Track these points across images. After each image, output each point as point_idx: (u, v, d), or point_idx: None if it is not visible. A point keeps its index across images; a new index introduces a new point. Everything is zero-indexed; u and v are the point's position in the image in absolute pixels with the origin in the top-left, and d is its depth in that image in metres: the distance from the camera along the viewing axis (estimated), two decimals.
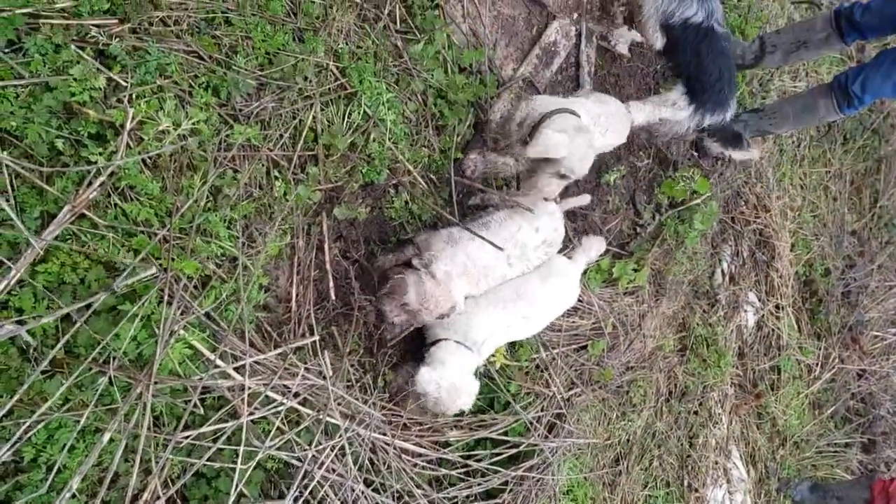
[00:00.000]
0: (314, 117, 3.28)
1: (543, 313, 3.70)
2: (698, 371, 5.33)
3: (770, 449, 6.06)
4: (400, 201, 3.66)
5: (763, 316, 6.02)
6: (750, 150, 4.43)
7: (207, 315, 2.82)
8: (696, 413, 5.36)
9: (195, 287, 2.84)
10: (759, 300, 5.99)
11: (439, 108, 3.74)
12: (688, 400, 5.29)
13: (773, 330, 6.09)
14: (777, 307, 6.11)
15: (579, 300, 4.35)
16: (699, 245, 5.30)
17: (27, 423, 2.33)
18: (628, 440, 4.80)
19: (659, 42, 4.13)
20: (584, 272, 4.28)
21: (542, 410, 4.08)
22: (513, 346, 4.08)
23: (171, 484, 2.68)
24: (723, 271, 5.68)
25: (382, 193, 3.66)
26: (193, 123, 2.81)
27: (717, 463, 5.49)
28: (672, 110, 4.10)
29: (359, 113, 3.41)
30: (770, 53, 5.06)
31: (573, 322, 4.42)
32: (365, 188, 3.58)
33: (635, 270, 4.74)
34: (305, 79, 3.23)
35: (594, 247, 4.13)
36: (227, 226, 2.95)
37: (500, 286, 3.54)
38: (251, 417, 2.73)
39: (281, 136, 3.21)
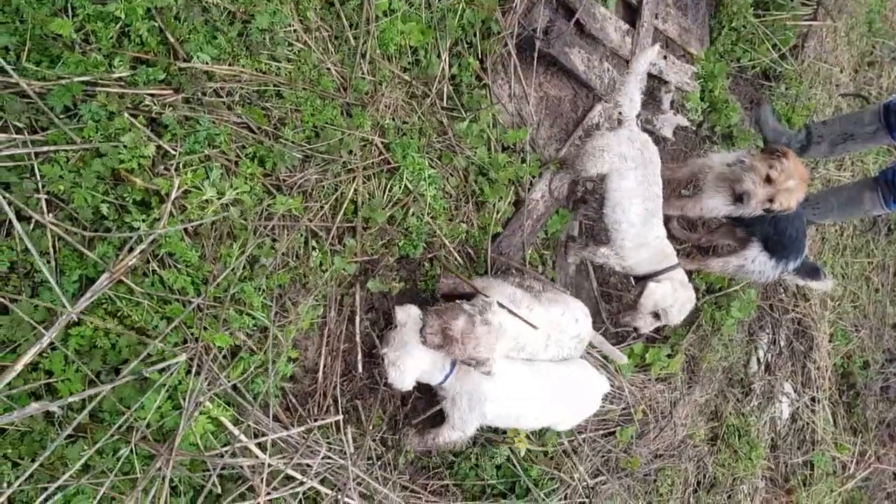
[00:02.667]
0: (356, 190, 3.30)
1: (558, 403, 3.58)
2: (729, 462, 5.16)
3: None
4: (434, 274, 3.64)
5: (798, 408, 5.83)
6: (826, 281, 4.58)
7: (234, 387, 2.79)
8: None
9: (224, 357, 2.82)
10: (795, 391, 5.82)
11: (480, 185, 3.74)
12: (716, 492, 5.11)
13: (807, 423, 5.89)
14: (813, 399, 5.93)
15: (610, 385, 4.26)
16: (735, 332, 5.18)
17: (48, 491, 2.30)
18: None
19: None
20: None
21: (565, 499, 3.95)
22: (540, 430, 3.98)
23: None
24: (758, 360, 5.54)
25: (417, 266, 3.64)
26: (237, 193, 2.83)
27: None
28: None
29: (399, 187, 3.43)
30: (816, 144, 5.02)
31: (602, 407, 4.30)
32: (400, 261, 3.57)
33: (669, 356, 4.63)
34: (350, 152, 3.26)
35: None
36: (261, 295, 2.94)
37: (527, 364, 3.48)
38: (269, 497, 2.67)
39: (321, 207, 3.22)
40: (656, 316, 3.95)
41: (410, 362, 3.09)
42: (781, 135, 5.14)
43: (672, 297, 3.83)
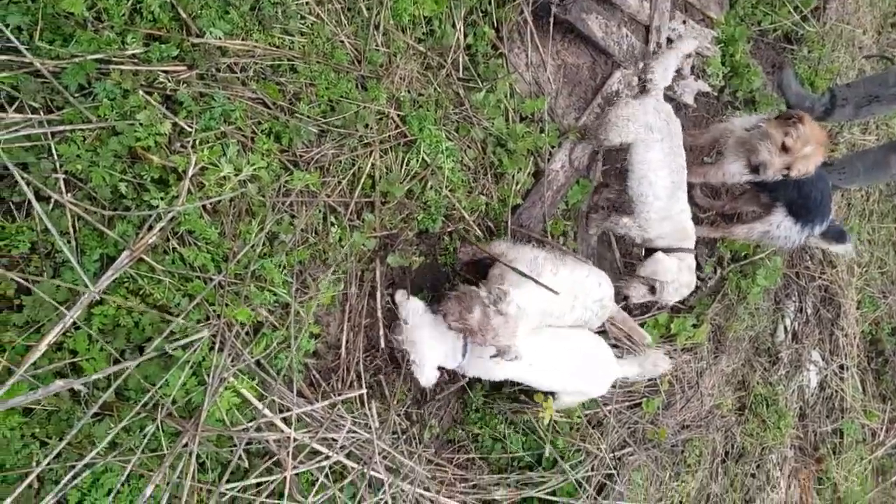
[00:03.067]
0: (373, 164, 3.27)
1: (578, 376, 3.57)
2: (757, 432, 5.11)
3: None
4: (454, 248, 3.61)
5: (826, 376, 5.75)
6: (847, 244, 4.49)
7: (258, 363, 2.79)
8: (753, 476, 5.13)
9: (247, 334, 2.82)
10: (823, 359, 5.74)
11: (498, 156, 3.69)
12: (745, 462, 5.06)
13: (836, 391, 5.81)
14: (841, 367, 5.84)
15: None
16: (761, 300, 5.11)
17: (76, 469, 2.32)
18: (681, 502, 4.59)
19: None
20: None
21: (592, 470, 3.93)
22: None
23: None
24: (785, 328, 5.46)
25: (437, 241, 3.61)
26: (254, 169, 2.81)
27: None
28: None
29: (417, 160, 3.39)
30: (841, 107, 4.90)
31: (627, 378, 4.27)
32: (420, 235, 3.54)
33: (695, 326, 4.57)
34: (366, 126, 3.22)
35: (659, 364, 4.00)
36: (282, 271, 2.93)
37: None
38: (295, 471, 2.67)
39: (339, 182, 3.19)
40: (651, 290, 3.84)
41: (429, 354, 3.13)
42: (805, 99, 5.03)
43: (674, 273, 3.72)
